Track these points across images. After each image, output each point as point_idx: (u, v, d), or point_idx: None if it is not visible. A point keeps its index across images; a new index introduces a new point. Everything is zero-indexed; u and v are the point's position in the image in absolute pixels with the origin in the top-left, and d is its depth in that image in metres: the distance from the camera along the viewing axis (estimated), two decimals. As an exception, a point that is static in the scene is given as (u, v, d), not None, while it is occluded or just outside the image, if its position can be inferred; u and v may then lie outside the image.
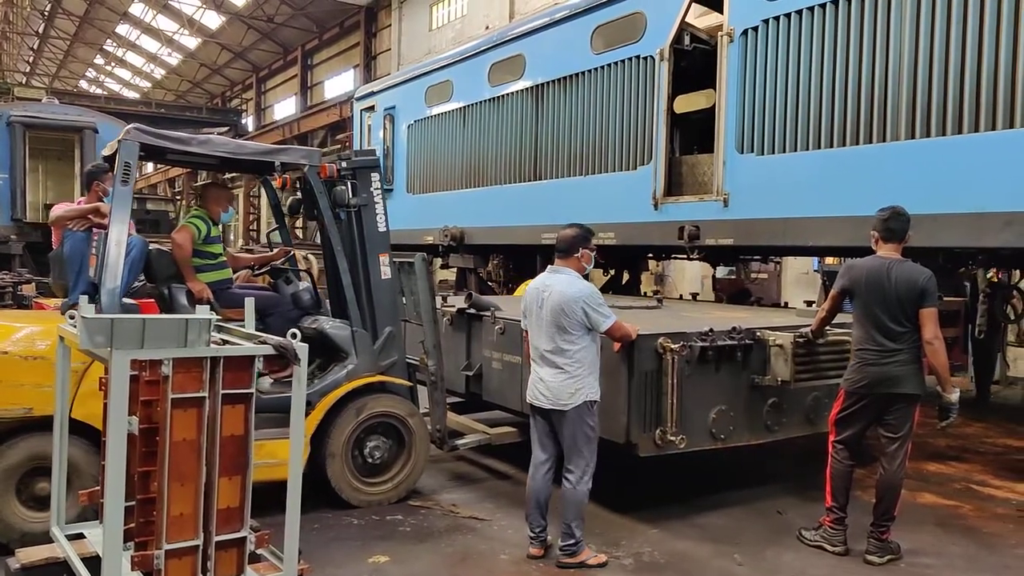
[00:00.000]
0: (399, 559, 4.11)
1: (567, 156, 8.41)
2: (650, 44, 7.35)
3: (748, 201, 6.58)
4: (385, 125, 11.87)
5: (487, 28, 18.71)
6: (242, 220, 27.39)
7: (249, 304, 3.65)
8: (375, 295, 5.15)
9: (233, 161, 5.26)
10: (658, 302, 7.14)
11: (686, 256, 7.65)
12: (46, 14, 35.11)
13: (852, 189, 5.80)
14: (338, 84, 29.82)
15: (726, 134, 6.72)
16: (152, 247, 5.12)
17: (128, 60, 41.08)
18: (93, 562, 3.00)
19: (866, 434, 4.43)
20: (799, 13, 6.15)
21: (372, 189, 5.17)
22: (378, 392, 5.00)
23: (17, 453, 3.94)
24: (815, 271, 12.69)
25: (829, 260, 9.52)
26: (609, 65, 7.84)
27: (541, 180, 8.79)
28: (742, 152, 6.60)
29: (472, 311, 5.84)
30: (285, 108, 34.71)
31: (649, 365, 4.46)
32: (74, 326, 3.01)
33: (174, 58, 38.10)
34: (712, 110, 7.00)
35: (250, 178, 23.28)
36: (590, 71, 8.08)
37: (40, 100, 16.05)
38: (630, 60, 7.59)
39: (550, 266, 4.30)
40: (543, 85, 8.72)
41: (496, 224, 9.55)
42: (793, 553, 4.32)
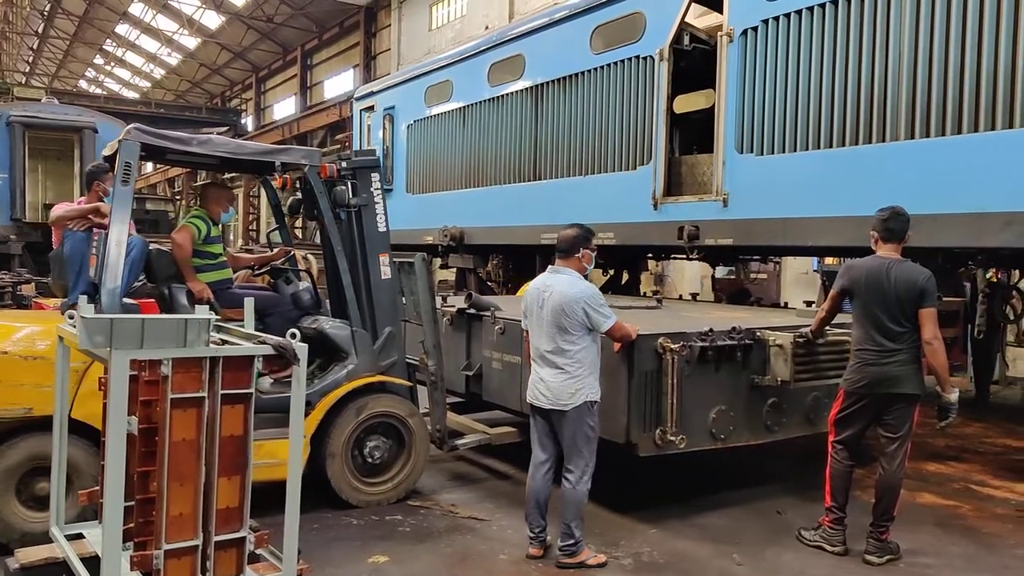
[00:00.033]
0: (398, 559, 4.11)
1: (567, 156, 8.41)
2: (650, 44, 7.35)
3: (748, 201, 6.58)
4: (384, 125, 11.87)
5: (487, 28, 18.72)
6: (242, 220, 27.39)
7: (248, 304, 3.65)
8: (375, 295, 5.15)
9: (233, 161, 5.27)
10: (658, 302, 7.15)
11: (685, 256, 7.65)
12: (46, 14, 35.12)
13: (852, 189, 5.80)
14: (338, 84, 29.84)
15: (725, 134, 6.72)
16: (152, 247, 5.12)
17: (128, 60, 41.09)
18: (92, 562, 3.00)
19: (865, 434, 4.43)
20: (799, 13, 6.15)
21: (372, 189, 5.18)
22: (378, 392, 5.00)
23: (17, 453, 3.94)
24: (814, 271, 12.69)
25: (828, 260, 9.51)
26: (609, 65, 7.83)
27: (541, 180, 8.79)
28: (742, 152, 6.60)
29: (472, 311, 5.84)
30: (285, 108, 34.72)
31: (649, 365, 4.47)
32: (73, 326, 3.01)
33: (174, 58, 38.11)
34: (712, 110, 7.01)
35: (250, 178, 23.27)
36: (590, 71, 8.08)
37: (40, 100, 16.07)
38: (630, 60, 7.59)
39: (551, 266, 4.29)
40: (543, 85, 8.71)
41: (496, 224, 9.55)
42: (793, 553, 4.33)
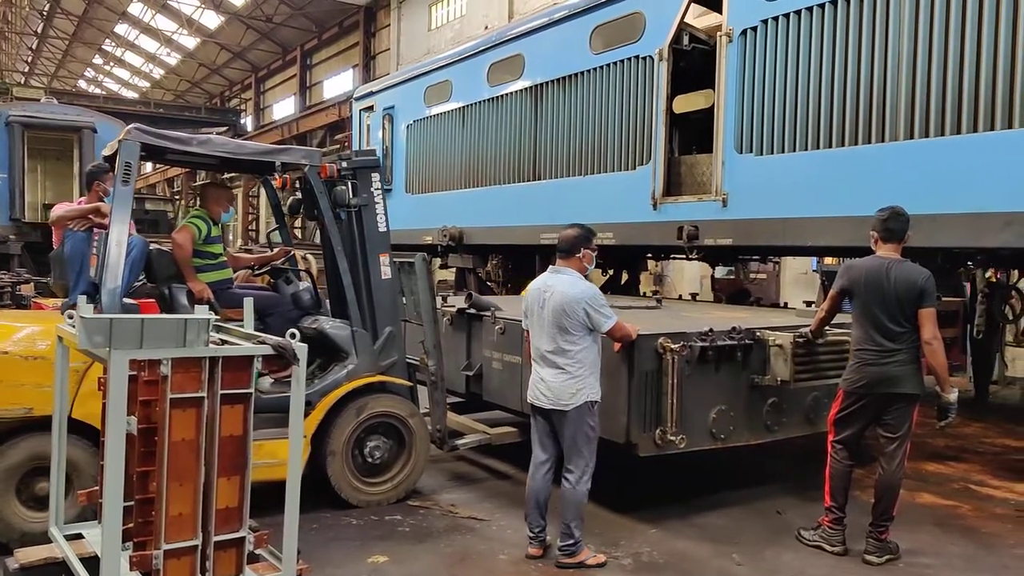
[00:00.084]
0: (398, 559, 4.11)
1: (566, 156, 8.41)
2: (649, 44, 7.35)
3: (747, 201, 6.58)
4: (384, 125, 11.86)
5: (486, 28, 18.72)
6: (241, 220, 27.38)
7: (248, 304, 3.64)
8: (375, 295, 5.15)
9: (233, 161, 5.27)
10: (657, 302, 7.15)
11: (685, 256, 7.65)
12: (45, 14, 35.09)
13: (851, 189, 5.80)
14: (337, 84, 29.84)
15: (725, 134, 6.71)
16: (152, 247, 5.12)
17: (127, 60, 41.06)
18: (92, 562, 3.00)
19: (865, 434, 4.43)
20: (798, 13, 6.15)
21: (372, 189, 5.18)
22: (378, 392, 5.00)
23: (18, 453, 3.94)
24: (814, 271, 12.69)
25: (828, 260, 9.52)
26: (608, 65, 7.83)
27: (540, 180, 8.78)
28: (741, 152, 6.60)
29: (472, 311, 5.84)
30: (284, 108, 34.71)
31: (649, 365, 4.47)
32: (73, 326, 3.01)
33: (173, 58, 38.09)
34: (711, 110, 7.00)
35: (249, 178, 23.25)
36: (589, 71, 8.07)
37: (39, 100, 16.03)
38: (629, 60, 7.59)
39: (551, 266, 4.29)
40: (542, 85, 8.71)
41: (495, 224, 9.55)
42: (792, 553, 4.33)
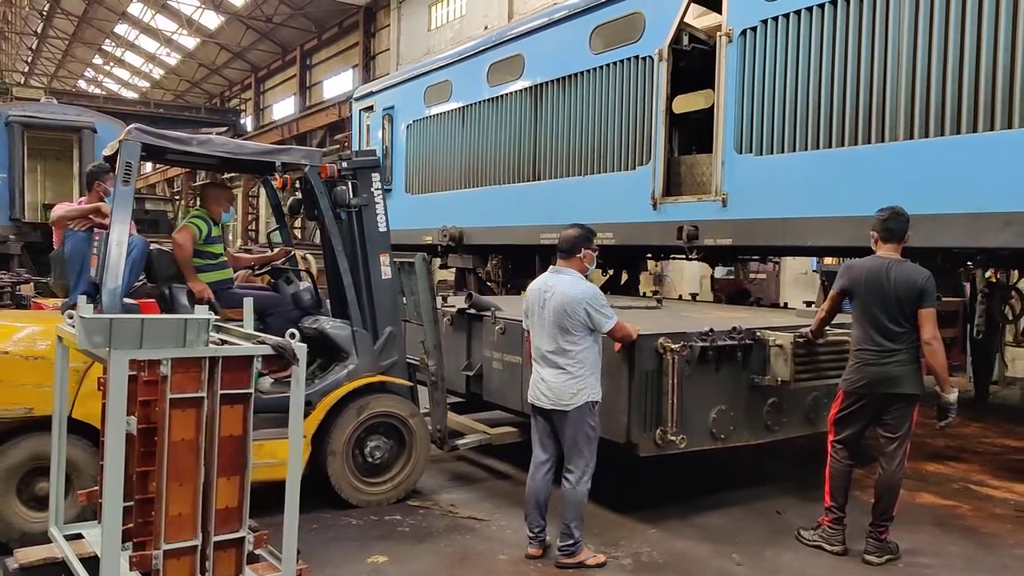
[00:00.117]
0: (398, 559, 4.11)
1: (566, 156, 8.41)
2: (649, 44, 7.35)
3: (747, 201, 6.58)
4: (384, 125, 11.86)
5: (486, 28, 18.71)
6: (241, 220, 27.38)
7: (248, 304, 3.64)
8: (375, 295, 5.15)
9: (233, 161, 5.27)
10: (658, 302, 7.15)
11: (685, 256, 7.65)
12: (45, 14, 35.08)
13: (851, 189, 5.80)
14: (337, 84, 29.84)
15: (725, 134, 6.71)
16: (153, 247, 5.12)
17: (127, 60, 41.04)
18: (91, 562, 3.00)
19: (865, 434, 4.43)
20: (798, 13, 6.15)
21: (372, 189, 5.18)
22: (379, 392, 5.00)
23: (18, 453, 3.94)
24: (814, 271, 12.69)
25: (828, 260, 9.52)
26: (608, 65, 7.83)
27: (540, 180, 8.78)
28: (741, 152, 6.60)
29: (472, 311, 5.84)
30: (284, 108, 34.71)
31: (650, 365, 4.47)
32: (72, 326, 3.01)
33: (173, 58, 38.08)
34: (711, 110, 7.00)
35: (249, 178, 23.26)
36: (589, 71, 8.07)
37: (39, 100, 16.01)
38: (629, 60, 7.59)
39: (552, 266, 4.29)
40: (542, 85, 8.71)
41: (495, 224, 9.55)
42: (792, 553, 4.33)
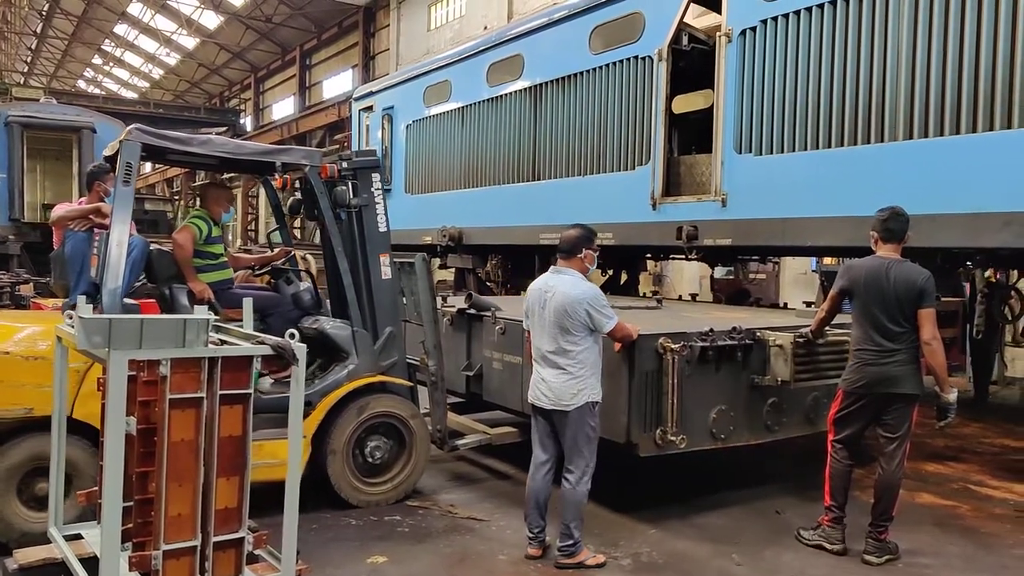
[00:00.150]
0: (397, 559, 4.11)
1: (565, 156, 8.41)
2: (648, 44, 7.35)
3: (746, 201, 6.58)
4: (383, 125, 11.86)
5: (485, 28, 18.71)
6: (240, 220, 27.37)
7: (247, 304, 3.64)
8: (376, 295, 5.15)
9: (233, 161, 5.27)
10: (658, 302, 7.15)
11: (684, 256, 7.65)
12: (44, 14, 35.07)
13: (850, 189, 5.80)
14: (336, 84, 29.83)
15: (724, 134, 6.71)
16: (153, 247, 5.12)
17: (126, 60, 41.04)
18: (91, 563, 3.00)
19: (865, 434, 4.43)
20: (797, 14, 6.15)
21: (373, 189, 5.18)
22: (379, 392, 5.00)
23: (18, 453, 3.94)
24: (813, 271, 12.69)
25: (827, 260, 9.52)
26: (607, 65, 7.83)
27: (539, 180, 8.78)
28: (740, 152, 6.60)
29: (472, 311, 5.84)
30: (283, 108, 34.70)
31: (650, 365, 4.47)
32: (72, 326, 3.00)
33: (172, 58, 38.06)
34: (710, 110, 7.00)
35: (249, 178, 23.25)
36: (588, 71, 8.07)
37: (38, 100, 16.00)
38: (628, 60, 7.59)
39: (553, 267, 4.28)
40: (541, 85, 8.71)
41: (494, 224, 9.55)
42: (792, 553, 4.33)
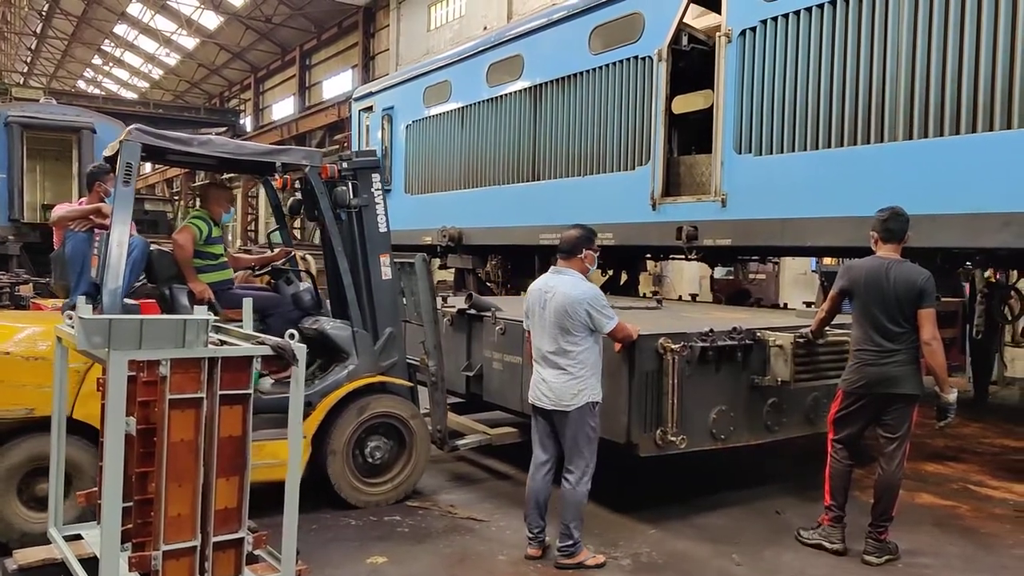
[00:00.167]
0: (397, 560, 4.11)
1: (565, 156, 8.40)
2: (648, 44, 7.35)
3: (746, 201, 6.58)
4: (383, 125, 11.86)
5: (485, 28, 18.71)
6: (240, 221, 27.37)
7: (247, 304, 3.64)
8: (376, 296, 5.15)
9: (234, 162, 5.27)
10: (658, 303, 7.15)
11: (684, 257, 7.65)
12: (44, 14, 35.07)
13: (850, 189, 5.80)
14: (336, 84, 29.83)
15: (724, 134, 6.71)
16: (153, 247, 5.12)
17: (126, 60, 41.04)
18: (91, 563, 3.00)
19: (865, 434, 4.43)
20: (797, 14, 6.15)
21: (373, 190, 5.18)
22: (379, 393, 5.00)
23: (19, 453, 3.94)
24: (813, 271, 12.70)
25: (827, 260, 9.52)
26: (607, 65, 7.83)
27: (539, 180, 8.78)
28: (740, 152, 6.60)
29: (472, 312, 5.84)
30: (283, 108, 34.70)
31: (650, 365, 4.47)
32: (71, 327, 3.00)
33: (172, 58, 38.06)
34: (710, 111, 7.00)
35: (249, 179, 23.25)
36: (588, 71, 8.07)
37: (38, 100, 16.00)
38: (628, 60, 7.58)
39: (553, 267, 4.28)
40: (541, 85, 8.71)
41: (494, 225, 9.54)
42: (792, 553, 4.33)
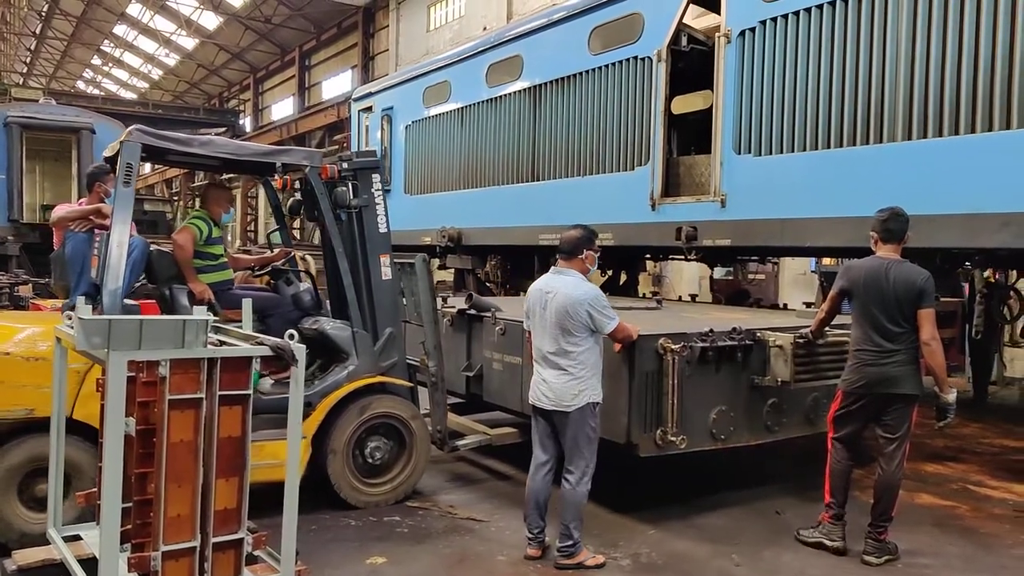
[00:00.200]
0: (396, 560, 4.11)
1: (565, 157, 8.41)
2: (648, 45, 7.35)
3: (745, 202, 6.58)
4: (383, 126, 11.86)
5: (485, 29, 18.71)
6: (240, 221, 27.36)
7: (247, 305, 3.64)
8: (376, 296, 5.15)
9: (234, 162, 5.26)
10: (658, 303, 7.15)
11: (684, 257, 7.65)
12: (43, 14, 35.05)
13: (850, 190, 5.80)
14: (336, 85, 29.82)
15: (723, 135, 6.71)
16: (153, 248, 5.11)
17: (125, 61, 41.02)
18: (90, 564, 2.99)
19: (865, 434, 4.43)
20: (796, 14, 6.16)
21: (373, 190, 5.18)
22: (379, 393, 4.99)
23: (19, 454, 3.94)
24: (812, 272, 12.70)
25: (826, 261, 9.53)
26: (607, 66, 7.83)
27: (539, 181, 8.78)
28: (739, 153, 6.60)
29: (472, 312, 5.84)
30: (283, 109, 34.68)
31: (650, 366, 4.47)
32: (71, 327, 3.00)
33: (172, 59, 38.03)
34: (709, 111, 7.00)
35: (249, 179, 23.24)
36: (588, 72, 8.07)
37: (37, 101, 16.00)
38: (628, 61, 7.59)
39: (553, 267, 4.28)
40: (541, 86, 8.71)
41: (494, 225, 9.54)
42: (792, 553, 4.33)
